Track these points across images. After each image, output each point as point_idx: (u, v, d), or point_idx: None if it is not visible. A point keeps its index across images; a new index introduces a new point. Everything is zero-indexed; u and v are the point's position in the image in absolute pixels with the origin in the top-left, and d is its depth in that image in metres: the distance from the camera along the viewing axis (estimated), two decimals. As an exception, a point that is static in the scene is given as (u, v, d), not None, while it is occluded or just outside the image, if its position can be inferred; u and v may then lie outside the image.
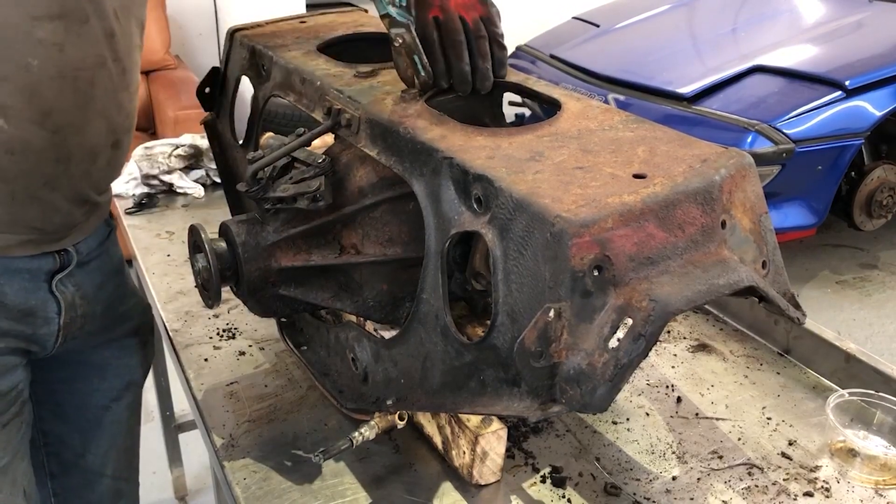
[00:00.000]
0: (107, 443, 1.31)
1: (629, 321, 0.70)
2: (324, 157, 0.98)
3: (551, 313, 0.72)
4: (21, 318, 1.06)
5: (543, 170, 0.79)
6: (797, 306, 0.89)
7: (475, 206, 0.80)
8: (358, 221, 0.98)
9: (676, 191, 0.76)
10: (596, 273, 0.71)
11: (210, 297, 1.02)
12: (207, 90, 1.29)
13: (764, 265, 0.85)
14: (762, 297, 0.82)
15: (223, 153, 1.33)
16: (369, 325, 1.05)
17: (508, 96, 1.11)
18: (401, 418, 0.99)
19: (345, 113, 0.97)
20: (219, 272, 0.99)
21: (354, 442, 0.96)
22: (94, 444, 1.30)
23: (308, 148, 0.99)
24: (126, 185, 1.83)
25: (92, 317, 1.17)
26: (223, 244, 1.00)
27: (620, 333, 0.70)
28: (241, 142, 1.25)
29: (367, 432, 0.97)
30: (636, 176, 0.78)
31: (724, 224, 0.80)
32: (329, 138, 1.08)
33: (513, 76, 1.04)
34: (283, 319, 1.22)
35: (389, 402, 0.95)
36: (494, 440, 0.97)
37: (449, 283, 0.87)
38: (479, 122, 1.02)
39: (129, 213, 1.78)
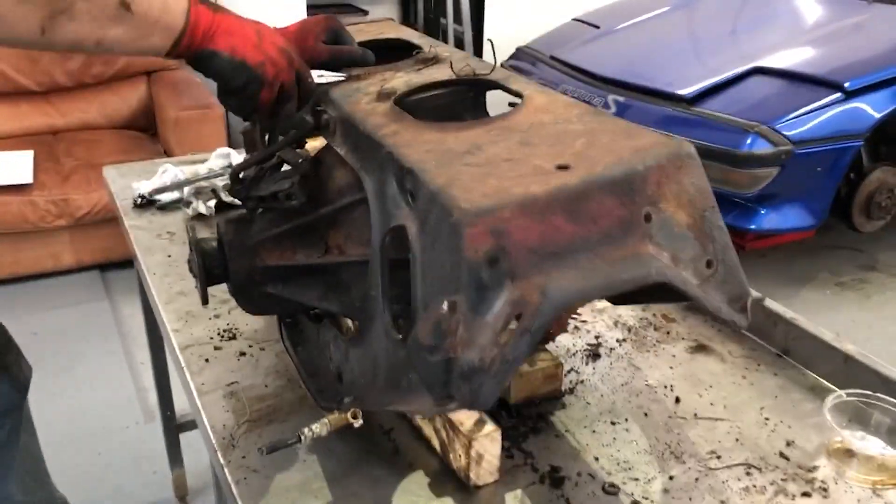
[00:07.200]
0: (4, 473, 1.26)
1: (521, 315, 0.69)
2: (305, 156, 0.99)
3: (444, 306, 0.70)
4: None
5: (472, 162, 0.78)
6: (743, 310, 0.84)
7: (410, 200, 0.79)
8: (340, 221, 0.99)
9: (589, 181, 0.74)
10: (491, 265, 0.69)
11: (200, 293, 1.04)
12: None
13: (709, 264, 0.81)
14: (683, 296, 0.79)
15: None
16: (350, 325, 1.05)
17: (508, 97, 1.11)
18: (353, 417, 0.98)
19: (324, 114, 0.98)
20: (203, 269, 1.00)
21: (304, 438, 0.96)
22: None
23: (300, 150, 1.00)
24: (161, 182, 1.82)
25: None
26: (214, 242, 1.02)
27: (514, 327, 0.70)
28: None
29: (319, 429, 0.97)
30: (560, 167, 0.76)
31: (648, 217, 0.77)
32: (329, 139, 1.09)
33: (498, 74, 1.04)
34: (286, 319, 1.23)
35: (347, 401, 0.96)
36: (488, 442, 0.97)
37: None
38: (460, 120, 1.03)
39: (135, 207, 1.78)
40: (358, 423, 0.98)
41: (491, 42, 1.15)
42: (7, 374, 1.25)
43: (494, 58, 1.09)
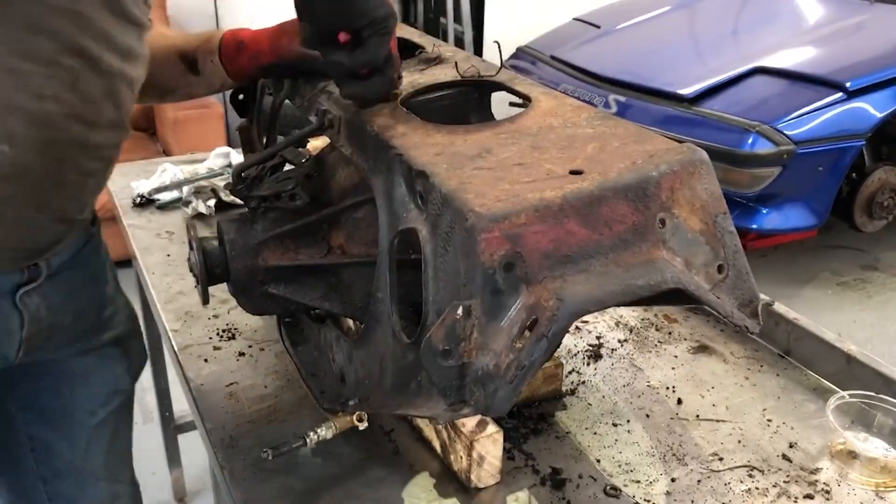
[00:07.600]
0: (96, 447, 1.29)
1: (536, 321, 0.69)
2: (308, 156, 0.98)
3: (459, 311, 0.70)
4: None
5: (483, 166, 0.78)
6: (754, 314, 0.84)
7: (419, 203, 0.78)
8: (343, 222, 0.99)
9: (604, 187, 0.73)
10: (507, 270, 0.69)
11: (200, 293, 1.03)
12: (241, 97, 1.29)
13: (720, 269, 0.81)
14: (697, 301, 0.79)
15: None
16: (352, 325, 1.05)
17: (510, 97, 1.11)
18: (359, 420, 0.97)
19: (329, 113, 0.98)
20: (205, 269, 1.00)
21: (309, 441, 0.95)
22: (82, 448, 1.27)
23: (303, 149, 1.00)
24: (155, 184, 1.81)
25: (60, 327, 1.12)
26: (215, 242, 1.01)
27: (529, 333, 0.69)
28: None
29: (324, 432, 0.97)
30: (573, 172, 0.76)
31: (662, 223, 0.77)
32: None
33: (503, 75, 1.04)
34: (286, 319, 1.22)
35: (352, 403, 0.95)
36: (490, 444, 0.96)
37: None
38: (465, 121, 1.02)
39: (134, 206, 1.78)
40: (363, 425, 0.98)
41: (498, 44, 1.14)
42: (128, 359, 1.29)
43: (501, 60, 1.09)
